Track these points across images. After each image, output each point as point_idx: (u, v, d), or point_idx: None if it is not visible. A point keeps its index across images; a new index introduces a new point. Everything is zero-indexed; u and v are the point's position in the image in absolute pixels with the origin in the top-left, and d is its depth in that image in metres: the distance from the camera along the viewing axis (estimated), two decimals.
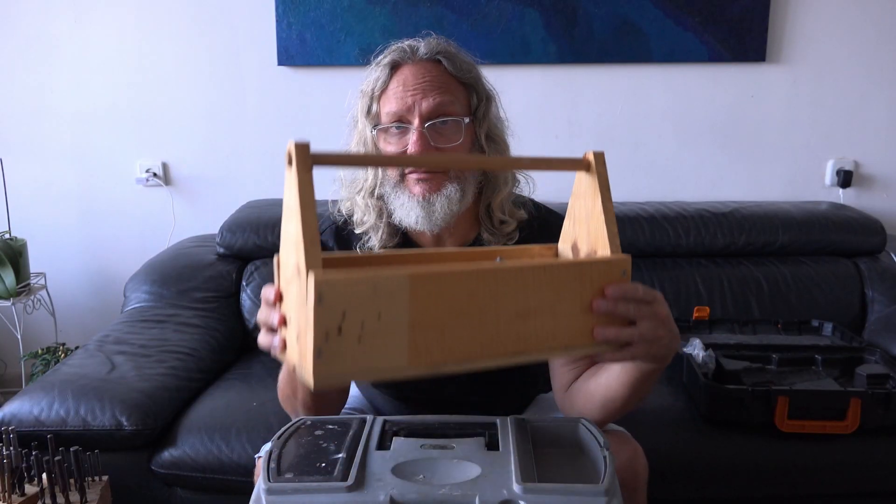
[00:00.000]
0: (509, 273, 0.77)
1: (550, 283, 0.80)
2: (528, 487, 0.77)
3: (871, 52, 2.27)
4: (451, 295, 0.74)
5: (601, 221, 0.87)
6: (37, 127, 2.38)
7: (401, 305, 0.71)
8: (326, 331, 0.68)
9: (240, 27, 2.30)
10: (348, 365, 0.70)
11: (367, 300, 0.70)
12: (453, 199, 1.07)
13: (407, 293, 0.72)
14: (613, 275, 0.84)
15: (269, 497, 0.77)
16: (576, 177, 0.91)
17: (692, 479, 1.50)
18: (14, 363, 2.47)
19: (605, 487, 0.78)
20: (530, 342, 0.79)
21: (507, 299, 0.77)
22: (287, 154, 0.74)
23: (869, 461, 1.51)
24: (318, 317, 0.68)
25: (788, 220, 2.10)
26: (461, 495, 0.76)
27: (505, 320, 0.77)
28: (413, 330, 0.72)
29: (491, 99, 1.14)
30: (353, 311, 0.69)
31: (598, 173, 0.88)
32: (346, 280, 0.69)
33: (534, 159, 0.91)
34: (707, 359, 1.63)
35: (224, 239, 2.08)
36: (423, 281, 0.72)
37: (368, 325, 0.70)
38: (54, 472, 1.30)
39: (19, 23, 2.31)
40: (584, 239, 0.91)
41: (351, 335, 0.69)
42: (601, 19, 2.23)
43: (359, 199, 1.14)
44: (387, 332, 0.71)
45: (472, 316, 0.75)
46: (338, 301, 0.68)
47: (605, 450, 0.85)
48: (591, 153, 0.88)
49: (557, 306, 0.80)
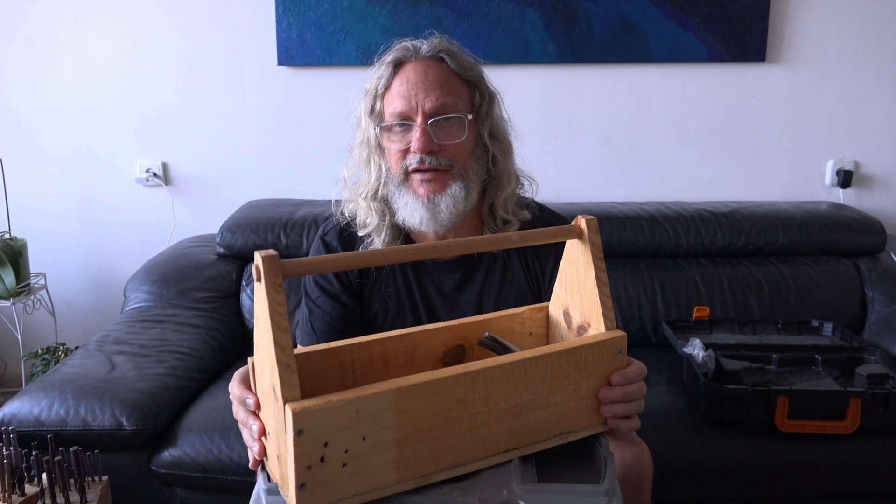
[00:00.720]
0: (499, 371, 0.74)
1: (543, 374, 0.77)
2: (528, 487, 0.77)
3: (871, 52, 2.27)
4: (439, 403, 0.71)
5: (595, 294, 0.83)
6: (37, 127, 2.38)
7: (386, 423, 0.68)
8: (309, 463, 0.65)
9: (240, 27, 2.30)
10: (333, 493, 0.67)
11: (351, 424, 0.66)
12: (458, 197, 1.07)
13: (392, 410, 0.68)
14: (609, 356, 0.81)
15: (269, 497, 0.77)
16: (566, 244, 0.86)
17: (692, 479, 1.50)
18: (14, 363, 2.47)
19: (605, 487, 0.77)
20: (523, 436, 0.77)
21: (497, 398, 0.74)
22: (255, 268, 0.68)
23: (869, 461, 1.51)
24: (299, 451, 0.64)
25: (788, 220, 2.10)
26: (461, 495, 0.76)
27: (496, 420, 0.74)
28: (400, 446, 0.69)
29: (494, 98, 1.14)
30: (336, 439, 0.66)
31: (590, 242, 0.83)
32: (326, 407, 0.65)
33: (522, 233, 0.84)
34: (707, 359, 1.63)
35: (224, 239, 2.08)
36: (408, 395, 0.69)
37: (353, 450, 0.67)
38: (54, 472, 1.30)
39: (19, 23, 2.31)
40: (576, 308, 0.87)
41: (335, 463, 0.66)
42: (601, 19, 2.23)
43: (361, 202, 1.14)
44: (373, 454, 0.68)
45: (461, 421, 0.72)
46: (319, 432, 0.65)
47: (605, 450, 0.85)
48: (582, 220, 0.83)
49: (551, 396, 0.78)
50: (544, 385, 0.76)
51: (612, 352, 0.81)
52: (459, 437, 0.72)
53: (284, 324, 0.67)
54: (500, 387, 0.74)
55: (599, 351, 0.80)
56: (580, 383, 0.79)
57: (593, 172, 2.36)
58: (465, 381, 0.72)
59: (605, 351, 0.81)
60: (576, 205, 2.16)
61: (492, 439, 0.75)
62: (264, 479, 0.78)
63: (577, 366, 0.79)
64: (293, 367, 0.66)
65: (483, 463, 0.75)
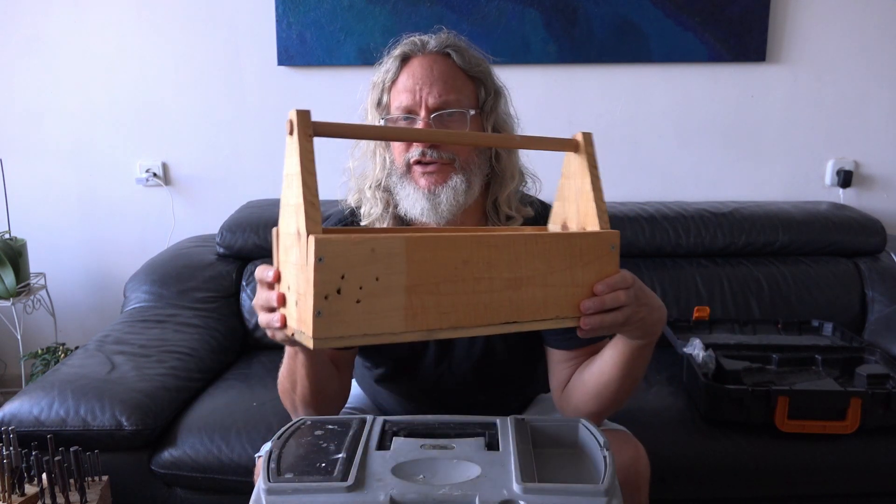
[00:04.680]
0: (502, 241, 0.80)
1: (542, 254, 0.82)
2: (528, 487, 0.77)
3: (871, 51, 2.27)
4: (446, 260, 0.76)
5: (590, 199, 0.89)
6: (37, 127, 2.38)
7: (398, 268, 0.73)
8: (326, 292, 0.70)
9: (240, 27, 2.30)
10: (347, 327, 0.72)
11: (366, 262, 0.72)
12: (459, 190, 1.07)
13: (404, 256, 0.74)
14: (602, 248, 0.87)
15: (269, 497, 0.77)
16: (565, 157, 0.93)
17: (692, 479, 1.50)
18: (14, 363, 2.47)
19: (605, 487, 0.77)
20: (522, 311, 0.81)
21: (500, 267, 0.79)
22: (288, 122, 0.75)
23: (869, 461, 1.51)
24: (319, 277, 0.69)
25: (788, 220, 2.10)
26: (461, 495, 0.76)
27: (498, 288, 0.79)
28: (409, 294, 0.74)
29: (500, 95, 1.15)
30: (352, 273, 0.71)
31: (587, 153, 0.90)
32: (345, 241, 0.71)
33: (525, 137, 0.94)
34: (707, 359, 1.63)
35: (224, 239, 2.08)
36: (419, 244, 0.74)
37: (367, 288, 0.72)
38: (54, 472, 1.30)
39: (19, 23, 2.31)
40: (573, 218, 0.93)
41: (350, 297, 0.71)
42: (601, 19, 2.23)
43: (367, 191, 1.15)
44: (384, 295, 0.73)
45: (466, 282, 0.77)
46: (337, 262, 0.70)
47: (605, 450, 0.85)
48: (580, 134, 0.91)
49: (549, 277, 0.83)
50: (543, 264, 0.82)
51: (606, 245, 0.87)
52: (463, 298, 0.77)
53: (312, 168, 0.74)
54: (502, 256, 0.79)
55: (594, 242, 0.86)
56: (576, 269, 0.85)
57: None
58: (471, 244, 0.78)
59: (599, 243, 0.86)
60: None
61: (493, 307, 0.79)
62: (264, 474, 0.78)
63: (572, 251, 0.84)
64: (317, 206, 0.73)
65: (484, 330, 0.79)
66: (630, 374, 1.01)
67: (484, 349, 1.17)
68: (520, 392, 1.29)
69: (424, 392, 1.22)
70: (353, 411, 1.30)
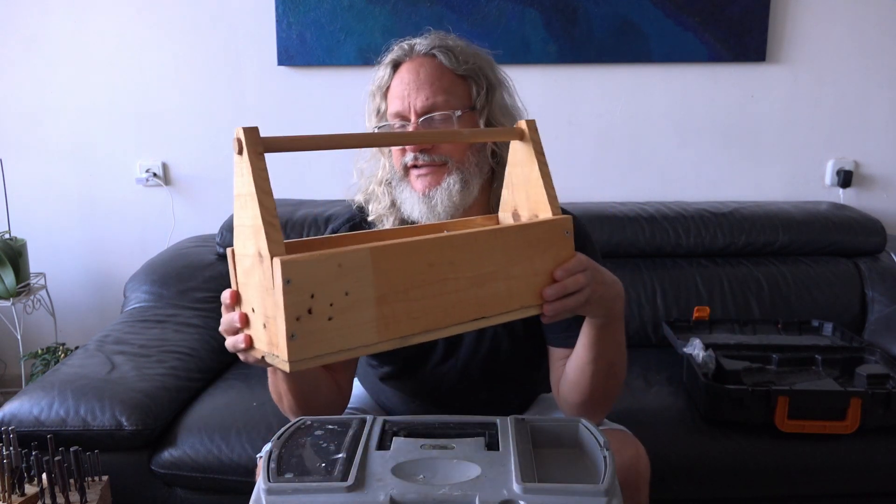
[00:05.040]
0: (463, 240, 0.81)
1: (502, 248, 0.84)
2: (528, 487, 0.77)
3: (870, 52, 2.27)
4: (412, 265, 0.77)
5: (539, 186, 0.91)
6: (37, 127, 2.38)
7: (366, 280, 0.73)
8: (297, 313, 0.69)
9: (240, 27, 2.30)
10: (321, 345, 0.71)
11: (334, 278, 0.71)
12: (454, 191, 1.08)
13: (370, 268, 0.74)
14: (557, 235, 0.89)
15: (269, 497, 0.77)
16: (511, 146, 0.95)
17: (692, 479, 1.50)
18: (14, 363, 2.47)
19: (605, 487, 0.77)
20: (490, 306, 0.83)
21: (464, 266, 0.80)
22: (236, 141, 0.73)
23: (869, 461, 1.51)
24: (288, 300, 0.69)
25: (788, 220, 2.10)
26: (461, 495, 0.76)
27: (464, 287, 0.81)
28: (380, 304, 0.75)
29: (495, 88, 1.15)
30: (321, 291, 0.71)
31: (532, 140, 0.92)
32: (310, 260, 0.70)
33: (472, 131, 1.01)
34: (707, 359, 1.63)
35: (224, 239, 2.08)
36: (384, 253, 0.75)
37: (337, 304, 0.72)
38: (54, 473, 1.30)
39: (19, 23, 2.31)
40: (523, 205, 0.94)
41: (321, 315, 0.71)
42: (601, 19, 2.23)
43: (375, 187, 1.18)
44: (355, 309, 0.73)
45: (433, 285, 0.78)
46: (305, 282, 0.70)
47: (605, 450, 0.85)
48: (523, 122, 0.92)
49: (511, 269, 0.84)
50: (503, 256, 0.84)
51: (561, 232, 0.89)
52: (432, 302, 0.78)
53: (268, 188, 0.73)
54: (465, 255, 0.81)
55: (549, 229, 0.88)
56: (534, 258, 0.87)
57: (593, 172, 2.36)
58: (434, 246, 0.79)
59: (553, 230, 0.88)
60: (576, 204, 2.16)
61: (461, 305, 0.81)
62: (264, 473, 0.78)
63: (529, 241, 0.86)
64: (277, 227, 0.71)
65: (455, 329, 0.81)
66: (602, 356, 1.03)
67: (490, 346, 1.18)
68: (521, 390, 1.29)
69: (429, 389, 1.22)
70: (354, 411, 1.30)
